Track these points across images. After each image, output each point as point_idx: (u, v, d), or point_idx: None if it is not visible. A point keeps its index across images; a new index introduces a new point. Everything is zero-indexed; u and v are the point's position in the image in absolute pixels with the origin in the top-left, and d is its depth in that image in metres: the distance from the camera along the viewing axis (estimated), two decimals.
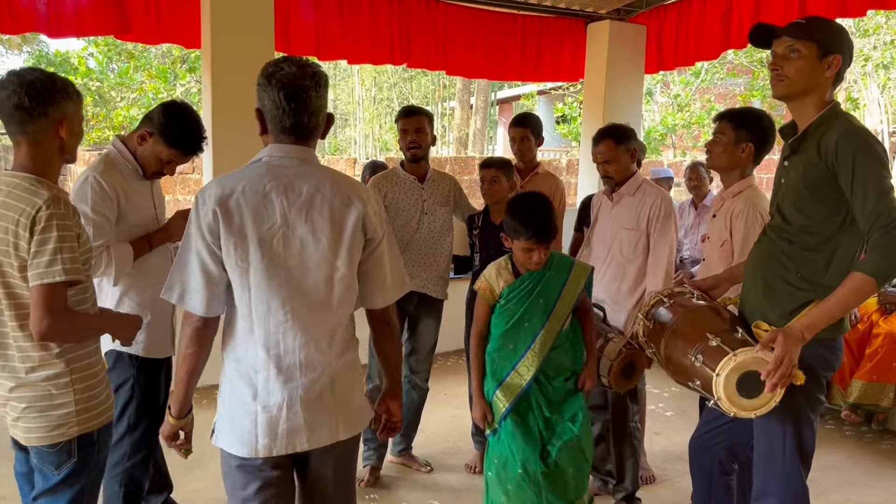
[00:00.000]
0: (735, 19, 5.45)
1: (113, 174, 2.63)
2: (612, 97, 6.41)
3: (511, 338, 2.77)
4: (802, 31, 2.22)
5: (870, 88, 13.11)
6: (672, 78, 14.97)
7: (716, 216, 3.10)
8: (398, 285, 2.11)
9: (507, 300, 2.76)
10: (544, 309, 2.74)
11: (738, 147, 2.96)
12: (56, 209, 1.95)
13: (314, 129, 1.95)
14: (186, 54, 13.31)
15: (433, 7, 5.81)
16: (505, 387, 2.76)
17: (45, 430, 2.05)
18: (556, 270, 2.78)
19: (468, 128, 16.99)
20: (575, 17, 6.48)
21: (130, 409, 2.76)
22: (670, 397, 5.11)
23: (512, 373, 2.75)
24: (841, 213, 2.19)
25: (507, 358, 2.77)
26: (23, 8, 4.41)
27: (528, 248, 2.67)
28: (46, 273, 1.93)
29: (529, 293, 2.74)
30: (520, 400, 2.75)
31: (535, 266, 2.72)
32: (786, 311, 2.26)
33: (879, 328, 4.49)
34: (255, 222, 1.85)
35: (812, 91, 2.24)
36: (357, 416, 2.05)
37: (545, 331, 2.73)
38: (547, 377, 2.77)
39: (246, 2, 4.78)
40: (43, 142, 2.04)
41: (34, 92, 1.98)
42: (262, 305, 1.88)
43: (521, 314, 2.74)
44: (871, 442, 4.45)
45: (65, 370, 2.06)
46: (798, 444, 2.31)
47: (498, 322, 2.80)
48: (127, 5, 4.71)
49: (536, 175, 4.09)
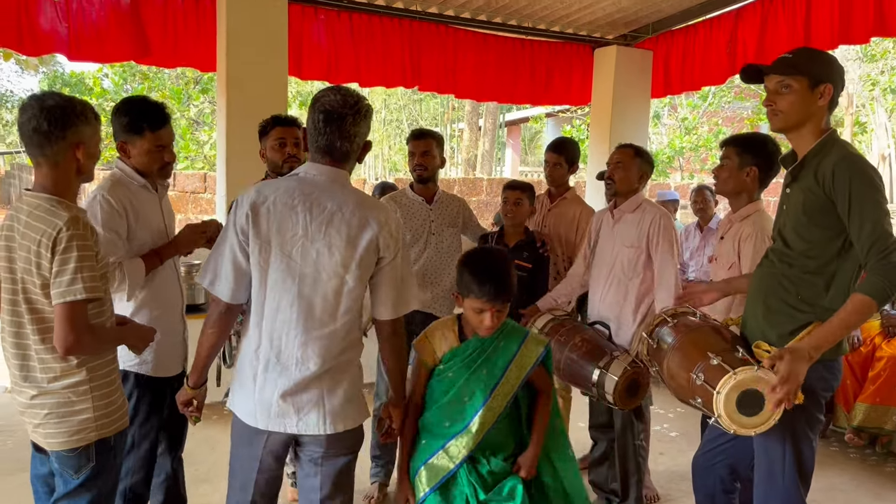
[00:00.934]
0: (741, 45, 5.54)
1: (120, 191, 2.65)
2: (618, 121, 6.49)
3: (446, 412, 2.45)
4: (791, 66, 2.31)
5: (877, 113, 13.16)
6: (679, 101, 15.06)
7: (724, 238, 3.14)
8: (404, 302, 2.29)
9: (447, 366, 2.46)
10: (488, 383, 2.41)
11: (742, 171, 3.01)
12: (76, 230, 2.04)
13: (347, 153, 2.17)
14: (199, 76, 13.50)
15: (443, 32, 5.92)
16: (430, 466, 2.43)
17: (65, 436, 2.15)
18: (507, 340, 2.48)
19: (477, 149, 17.11)
20: (582, 42, 6.58)
21: (133, 427, 2.75)
22: (675, 418, 5.14)
23: (440, 452, 2.42)
24: (840, 238, 2.25)
25: (439, 433, 2.45)
26: (44, 30, 4.54)
27: (480, 309, 2.36)
28: (68, 291, 2.02)
29: (472, 362, 2.43)
30: (445, 483, 2.41)
31: (485, 331, 2.41)
32: (785, 332, 2.32)
33: (882, 351, 4.52)
34: (280, 230, 2.10)
35: (807, 121, 2.32)
36: (345, 413, 2.21)
37: (485, 409, 2.39)
38: (484, 456, 2.46)
39: (260, 26, 4.90)
40: (61, 163, 2.12)
41: (53, 117, 2.07)
42: (273, 303, 2.13)
43: (460, 385, 2.43)
44: (874, 465, 4.47)
45: (84, 378, 2.15)
46: (797, 462, 2.35)
47: (434, 390, 2.50)
48: (146, 30, 4.84)
49: (564, 199, 4.15)
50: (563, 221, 4.07)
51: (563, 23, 6.21)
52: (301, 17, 5.32)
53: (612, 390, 3.07)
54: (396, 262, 2.21)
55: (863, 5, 4.54)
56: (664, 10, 5.98)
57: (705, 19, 5.94)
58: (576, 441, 4.25)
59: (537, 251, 3.74)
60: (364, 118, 2.14)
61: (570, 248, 4.07)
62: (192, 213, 9.19)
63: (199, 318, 4.85)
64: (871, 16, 4.50)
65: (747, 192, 3.05)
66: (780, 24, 5.13)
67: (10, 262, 2.11)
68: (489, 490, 2.39)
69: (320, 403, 2.17)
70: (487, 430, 2.41)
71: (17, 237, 2.08)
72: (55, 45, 4.64)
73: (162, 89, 13.46)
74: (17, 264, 2.09)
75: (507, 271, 2.40)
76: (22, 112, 2.11)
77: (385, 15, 5.63)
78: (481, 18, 5.98)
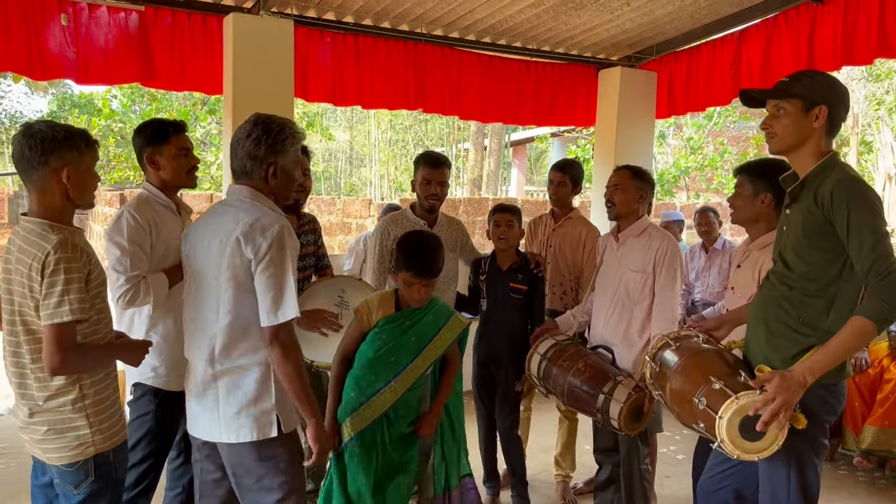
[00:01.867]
0: (745, 67, 5.55)
1: (145, 210, 2.81)
2: (623, 142, 6.50)
3: (375, 368, 2.79)
4: (784, 90, 2.34)
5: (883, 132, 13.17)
6: (685, 121, 15.10)
7: (741, 266, 3.09)
8: (275, 306, 2.37)
9: (381, 329, 2.81)
10: (414, 349, 2.81)
11: (757, 199, 2.97)
12: (63, 253, 2.10)
13: (239, 170, 2.40)
14: (207, 97, 13.61)
15: (448, 54, 5.96)
16: (356, 415, 2.78)
17: (64, 451, 2.21)
18: (435, 315, 2.89)
19: (482, 169, 17.15)
20: (587, 63, 6.61)
21: (144, 442, 2.85)
22: (681, 440, 5.10)
23: (366, 404, 2.78)
24: (840, 260, 2.25)
25: (366, 388, 2.79)
26: (53, 56, 4.58)
27: (410, 282, 2.76)
28: (55, 314, 2.09)
29: (404, 329, 2.82)
30: (364, 432, 2.79)
31: (416, 302, 2.82)
32: (788, 356, 2.31)
33: (891, 373, 4.49)
34: (185, 254, 2.48)
35: (804, 143, 2.33)
36: (237, 425, 2.34)
37: (407, 370, 2.79)
38: (396, 415, 2.84)
39: (267, 48, 4.94)
40: (48, 189, 2.18)
41: (34, 143, 2.14)
42: (183, 313, 2.53)
43: (390, 347, 2.79)
44: (884, 488, 4.42)
45: (78, 396, 2.21)
46: (802, 487, 2.34)
47: (366, 349, 2.82)
48: (153, 54, 4.89)
49: (569, 219, 4.16)
50: (568, 241, 4.07)
51: (567, 44, 6.24)
52: (307, 40, 5.36)
53: (616, 415, 3.06)
54: None
55: (866, 26, 4.55)
56: (668, 32, 6.01)
57: (709, 41, 5.96)
58: (581, 464, 4.27)
59: (531, 273, 3.72)
60: (248, 138, 2.35)
61: (576, 268, 4.07)
62: None
63: None
64: (874, 37, 4.51)
65: (764, 219, 3.00)
66: (784, 45, 5.14)
67: (9, 283, 2.20)
68: (395, 448, 2.82)
69: (207, 404, 2.44)
70: (406, 389, 2.80)
71: (13, 261, 2.17)
72: (64, 70, 4.68)
73: (170, 110, 13.59)
74: (14, 286, 2.18)
75: (434, 251, 2.81)
76: (13, 140, 2.20)
77: (390, 37, 5.67)
78: (486, 41, 6.02)
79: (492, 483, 3.94)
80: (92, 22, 4.67)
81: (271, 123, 2.35)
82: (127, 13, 4.74)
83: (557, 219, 4.18)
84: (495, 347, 3.73)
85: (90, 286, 2.19)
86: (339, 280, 3.48)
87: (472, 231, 10.76)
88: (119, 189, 10.80)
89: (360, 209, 10.74)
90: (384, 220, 3.82)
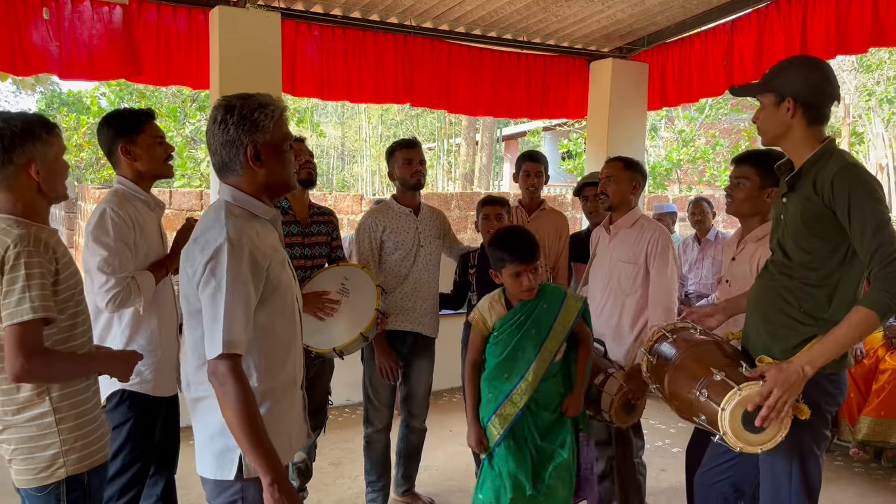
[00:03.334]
0: (737, 57, 5.51)
1: (127, 206, 2.70)
2: (615, 134, 6.46)
3: (505, 368, 2.82)
4: (762, 83, 2.34)
5: (874, 123, 13.18)
6: (676, 113, 15.09)
7: (735, 259, 3.05)
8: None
9: (500, 332, 2.84)
10: (536, 340, 2.81)
11: (763, 192, 2.90)
12: (24, 247, 1.94)
13: (214, 163, 2.07)
14: (196, 93, 13.53)
15: (437, 47, 5.90)
16: (499, 415, 2.81)
17: (32, 473, 2.03)
18: (548, 302, 2.86)
19: (474, 164, 17.11)
20: (578, 55, 6.57)
21: (125, 451, 2.72)
22: (677, 433, 5.07)
23: (506, 402, 2.80)
24: (842, 248, 2.21)
25: (501, 387, 2.82)
26: (35, 51, 4.50)
27: (517, 273, 2.75)
28: (16, 312, 1.90)
29: (521, 325, 2.81)
30: (513, 427, 2.81)
31: (526, 294, 2.79)
32: (789, 346, 2.27)
33: (886, 364, 4.47)
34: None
35: (785, 134, 2.31)
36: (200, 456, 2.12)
37: (537, 361, 2.80)
38: (538, 406, 2.84)
39: (253, 42, 4.87)
40: (16, 186, 2.03)
41: None
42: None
43: (513, 345, 2.81)
44: (880, 479, 4.40)
45: (48, 410, 2.02)
46: (804, 479, 2.30)
47: (492, 352, 2.87)
48: (138, 49, 4.81)
49: (543, 211, 4.13)
50: (543, 233, 4.04)
51: (558, 36, 6.19)
52: (294, 33, 5.30)
53: (608, 408, 3.03)
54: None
55: (859, 15, 4.52)
56: (659, 23, 5.97)
57: (701, 31, 5.92)
58: None
59: None
60: (214, 124, 1.98)
61: (552, 259, 4.06)
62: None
63: None
64: (867, 25, 4.47)
65: (763, 213, 2.96)
66: (776, 34, 5.10)
67: None
68: (544, 437, 2.83)
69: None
70: (540, 378, 2.80)
71: None
72: (47, 65, 4.61)
73: (158, 107, 13.48)
74: None
75: (528, 235, 2.83)
76: None
77: (379, 30, 5.61)
78: (476, 33, 5.96)
79: None
80: (75, 16, 4.59)
81: (234, 102, 1.97)
82: (111, 7, 4.66)
83: (530, 211, 4.16)
84: None
85: (59, 287, 2.03)
86: (343, 269, 3.45)
87: (464, 225, 10.72)
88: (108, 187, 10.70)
89: (351, 204, 10.68)
90: (372, 211, 3.75)
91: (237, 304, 1.87)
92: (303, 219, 3.51)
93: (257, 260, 1.93)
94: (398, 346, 3.60)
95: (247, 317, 1.89)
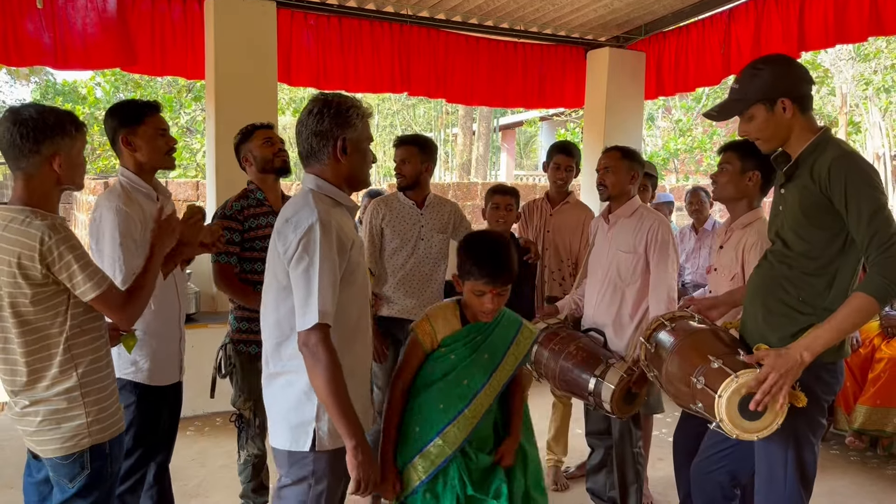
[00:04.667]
0: (734, 46, 5.51)
1: (133, 203, 2.70)
2: (612, 123, 6.46)
3: (443, 395, 2.37)
4: (740, 98, 2.32)
5: (871, 112, 13.16)
6: (674, 103, 15.07)
7: (723, 247, 3.06)
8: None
9: (448, 350, 2.41)
10: (488, 366, 2.41)
11: (744, 176, 2.93)
12: (58, 234, 2.06)
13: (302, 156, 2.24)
14: (192, 84, 13.46)
15: (433, 36, 5.88)
16: (425, 455, 2.34)
17: (59, 442, 2.15)
18: (504, 327, 2.49)
19: (471, 154, 17.08)
20: (575, 44, 6.55)
21: (128, 436, 2.74)
22: (673, 422, 5.05)
23: (436, 439, 2.33)
24: (840, 237, 2.21)
25: (434, 420, 2.36)
26: (29, 40, 4.48)
27: (481, 291, 2.35)
28: (91, 288, 2.09)
29: (476, 346, 2.41)
30: (438, 473, 2.34)
31: (486, 315, 2.41)
32: (787, 335, 2.27)
33: (882, 352, 4.48)
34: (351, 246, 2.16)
35: (789, 133, 2.30)
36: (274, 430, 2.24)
37: (484, 393, 2.38)
38: (473, 447, 2.41)
39: (249, 32, 4.85)
40: (37, 176, 2.13)
41: (25, 130, 2.07)
42: (355, 315, 2.21)
43: (460, 369, 2.38)
44: (875, 467, 4.42)
45: (75, 384, 2.16)
46: (799, 467, 2.31)
47: (431, 372, 2.42)
48: (133, 38, 4.79)
49: (567, 204, 4.12)
50: (566, 227, 4.04)
51: (554, 25, 6.18)
52: (290, 22, 5.28)
53: (608, 398, 3.02)
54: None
55: (858, 3, 4.50)
56: (656, 12, 5.95)
57: (698, 20, 5.91)
58: (573, 448, 4.24)
59: (524, 263, 3.71)
60: (310, 115, 2.17)
61: (574, 254, 4.05)
62: None
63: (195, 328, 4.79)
64: (866, 14, 4.46)
65: (748, 198, 2.96)
66: (773, 23, 5.09)
67: None
68: (477, 485, 2.36)
69: None
70: (481, 416, 2.38)
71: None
72: (41, 56, 4.59)
73: (154, 97, 13.41)
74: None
75: (507, 253, 2.39)
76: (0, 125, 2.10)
77: (375, 19, 5.58)
78: (472, 22, 5.95)
79: None
80: (69, 5, 4.57)
81: (332, 98, 2.18)
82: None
83: (554, 203, 4.14)
84: None
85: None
86: None
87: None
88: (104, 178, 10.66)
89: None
90: (375, 201, 3.78)
91: (327, 278, 2.04)
92: (278, 209, 3.50)
93: (343, 241, 2.10)
94: (397, 332, 3.60)
95: (334, 292, 2.05)
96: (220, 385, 3.29)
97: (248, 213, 3.20)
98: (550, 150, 4.21)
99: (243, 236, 3.17)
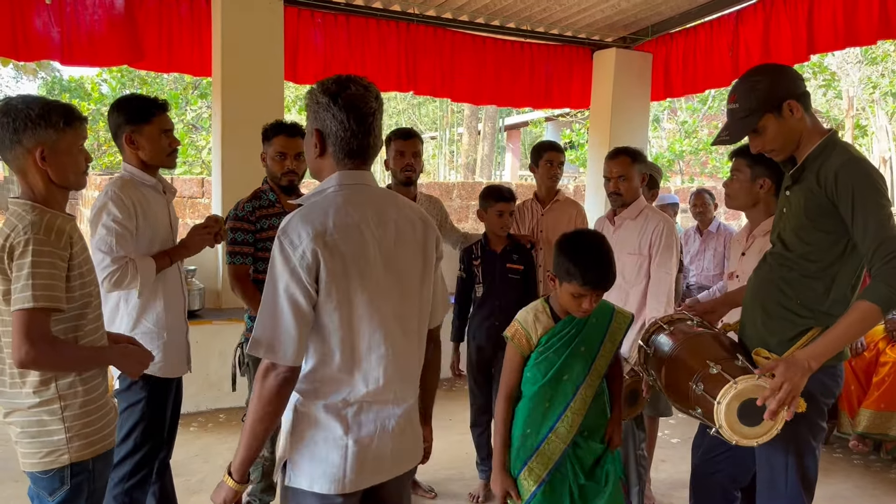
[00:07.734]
0: (743, 47, 5.49)
1: (130, 190, 2.69)
2: (618, 124, 6.45)
3: (547, 393, 2.40)
4: (746, 116, 2.27)
5: (878, 116, 13.13)
6: (679, 104, 15.05)
7: (745, 254, 3.03)
8: (446, 303, 2.12)
9: (546, 348, 2.41)
10: (587, 358, 2.42)
11: (755, 184, 2.91)
12: (34, 234, 1.91)
13: (377, 152, 1.91)
14: (198, 80, 13.48)
15: (441, 35, 5.88)
16: (539, 455, 2.39)
17: (36, 457, 2.03)
18: (597, 316, 2.47)
19: (476, 153, 17.07)
20: (581, 45, 6.54)
21: (137, 431, 2.77)
22: (677, 424, 5.08)
23: (549, 436, 2.39)
24: (842, 241, 2.20)
25: (541, 420, 2.40)
26: (37, 36, 4.49)
27: (581, 294, 2.33)
28: (20, 299, 1.89)
29: (571, 340, 2.41)
30: (552, 476, 2.38)
31: (581, 314, 2.40)
32: (785, 338, 2.27)
33: (886, 356, 4.46)
34: (354, 258, 1.78)
35: (799, 138, 2.27)
36: (421, 441, 2.07)
37: (586, 385, 2.41)
38: (584, 437, 2.45)
39: (256, 29, 4.86)
40: (26, 170, 2.01)
41: (7, 120, 1.96)
42: (365, 341, 1.82)
43: (560, 365, 2.39)
44: (879, 471, 4.41)
45: (53, 397, 2.02)
46: (800, 471, 2.30)
47: (533, 375, 2.44)
48: (140, 35, 4.80)
49: (557, 202, 4.12)
50: (559, 224, 4.03)
51: (561, 25, 6.17)
52: (297, 20, 5.28)
53: None
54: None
55: (867, 6, 4.47)
56: (663, 13, 5.94)
57: (705, 21, 5.90)
58: None
59: (526, 251, 3.72)
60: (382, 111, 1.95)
61: None
62: (189, 217, 9.15)
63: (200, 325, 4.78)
64: (875, 17, 4.43)
65: (763, 204, 2.94)
66: (783, 25, 5.08)
67: None
68: (590, 476, 2.42)
69: (414, 439, 1.99)
70: (588, 406, 2.41)
71: None
72: (48, 51, 4.61)
73: (160, 94, 13.42)
74: None
75: (610, 258, 2.37)
76: None
77: (382, 18, 5.59)
78: (479, 21, 5.95)
79: (485, 467, 3.90)
80: (77, 2, 4.58)
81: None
82: None
83: (544, 203, 4.14)
84: (498, 329, 3.68)
85: (72, 273, 2.00)
86: None
87: (466, 215, 10.70)
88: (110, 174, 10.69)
89: None
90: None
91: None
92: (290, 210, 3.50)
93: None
94: None
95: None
96: (221, 381, 3.29)
97: (260, 213, 3.19)
98: (538, 149, 4.17)
99: (256, 237, 3.17)
